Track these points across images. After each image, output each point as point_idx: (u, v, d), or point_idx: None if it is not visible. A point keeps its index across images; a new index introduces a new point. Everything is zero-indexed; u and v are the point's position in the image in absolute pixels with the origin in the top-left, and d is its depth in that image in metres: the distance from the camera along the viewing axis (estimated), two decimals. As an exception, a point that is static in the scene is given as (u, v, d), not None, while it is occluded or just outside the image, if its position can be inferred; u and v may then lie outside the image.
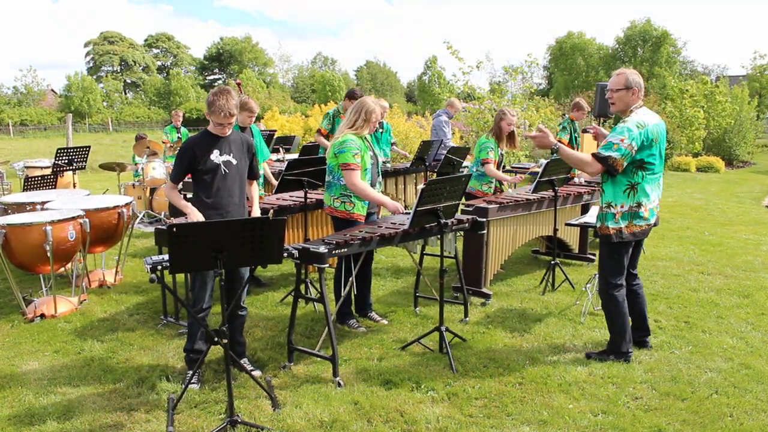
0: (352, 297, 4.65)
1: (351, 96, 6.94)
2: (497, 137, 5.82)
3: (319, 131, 7.17)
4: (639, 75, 3.84)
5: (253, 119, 5.50)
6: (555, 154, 3.90)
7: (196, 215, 3.59)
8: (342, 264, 4.37)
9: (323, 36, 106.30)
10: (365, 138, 4.36)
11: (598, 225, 3.90)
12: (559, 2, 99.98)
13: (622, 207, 3.79)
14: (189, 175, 3.74)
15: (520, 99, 14.18)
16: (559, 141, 7.13)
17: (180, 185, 3.87)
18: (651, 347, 4.13)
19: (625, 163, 3.69)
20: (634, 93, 3.78)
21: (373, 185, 4.41)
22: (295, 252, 3.58)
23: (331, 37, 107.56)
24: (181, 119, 10.81)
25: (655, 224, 3.98)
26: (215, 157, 3.64)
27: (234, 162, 3.71)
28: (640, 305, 4.11)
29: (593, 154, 3.75)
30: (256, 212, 4.05)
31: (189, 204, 3.67)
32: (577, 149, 7.25)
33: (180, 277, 5.05)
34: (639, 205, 3.79)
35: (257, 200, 4.10)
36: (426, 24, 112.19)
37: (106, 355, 4.10)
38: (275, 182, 6.17)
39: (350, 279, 4.28)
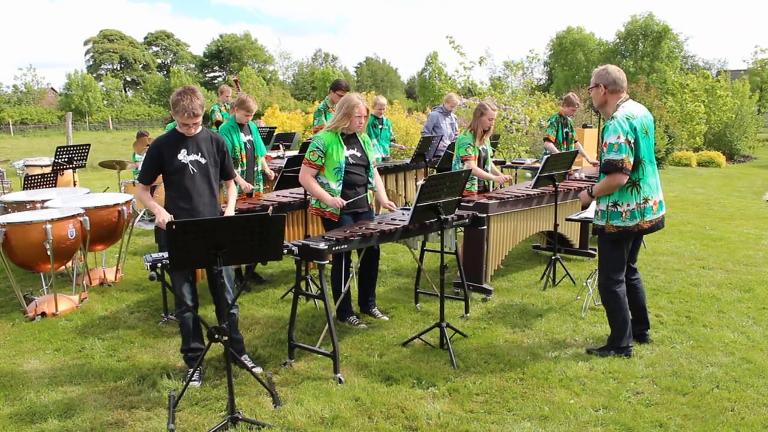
0: (352, 294, 4.64)
1: (336, 87, 6.89)
2: (475, 133, 5.51)
3: (316, 130, 7.13)
4: (617, 71, 3.80)
5: (251, 117, 5.49)
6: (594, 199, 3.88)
7: (163, 215, 3.55)
8: (341, 261, 4.35)
9: (322, 33, 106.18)
10: (346, 137, 4.30)
11: (603, 223, 3.85)
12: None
13: (628, 206, 3.77)
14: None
15: (520, 94, 14.16)
16: (547, 138, 7.17)
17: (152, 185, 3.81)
18: (651, 341, 4.13)
19: (631, 159, 3.67)
20: (602, 89, 3.77)
21: (356, 185, 4.36)
22: (295, 249, 3.57)
23: (330, 34, 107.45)
24: None
25: (659, 226, 3.94)
26: (182, 156, 3.60)
27: (203, 161, 3.65)
28: (640, 299, 4.11)
29: (606, 169, 3.70)
30: (229, 214, 3.87)
31: (156, 204, 3.63)
32: (569, 145, 7.21)
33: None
34: (646, 200, 3.78)
35: (233, 201, 3.96)
36: (425, 20, 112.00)
37: (107, 353, 4.10)
38: (270, 172, 6.11)
39: (350, 275, 4.27)
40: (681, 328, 4.42)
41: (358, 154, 4.37)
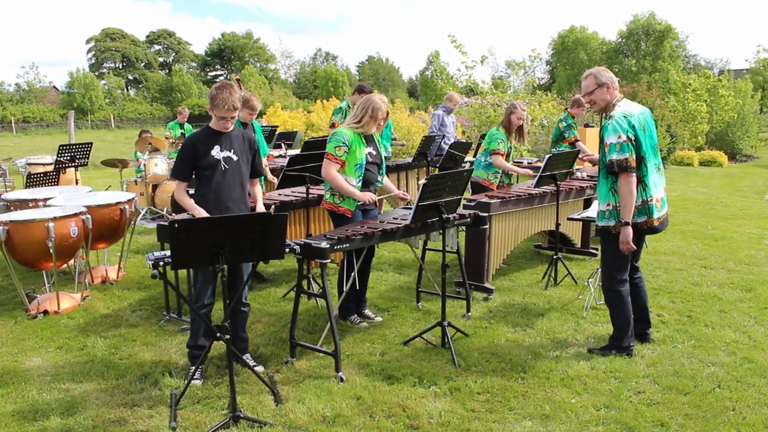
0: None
1: (360, 90, 6.96)
2: (507, 130, 5.86)
3: (332, 125, 7.16)
4: (607, 70, 3.84)
5: (254, 116, 5.50)
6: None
7: (200, 214, 3.57)
8: (351, 259, 4.32)
9: (322, 31, 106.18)
10: (364, 135, 4.29)
11: (612, 224, 3.77)
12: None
13: (635, 203, 3.76)
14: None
15: (522, 94, 14.14)
16: (574, 140, 7.00)
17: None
18: (652, 340, 4.13)
19: (635, 157, 3.67)
20: (608, 87, 3.79)
21: (370, 183, 4.37)
22: (297, 247, 3.57)
23: (330, 32, 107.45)
24: (186, 116, 10.80)
25: (665, 224, 3.93)
26: (216, 152, 3.63)
27: (235, 158, 3.69)
28: (642, 298, 4.10)
29: (612, 171, 3.67)
30: (261, 209, 4.00)
31: (196, 205, 3.63)
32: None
33: (182, 272, 5.06)
34: (652, 198, 3.78)
35: (261, 198, 4.06)
36: (426, 18, 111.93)
37: (108, 351, 4.10)
38: (272, 178, 6.17)
39: (352, 274, 4.26)
40: (682, 327, 4.42)
41: (374, 152, 4.38)
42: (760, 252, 6.65)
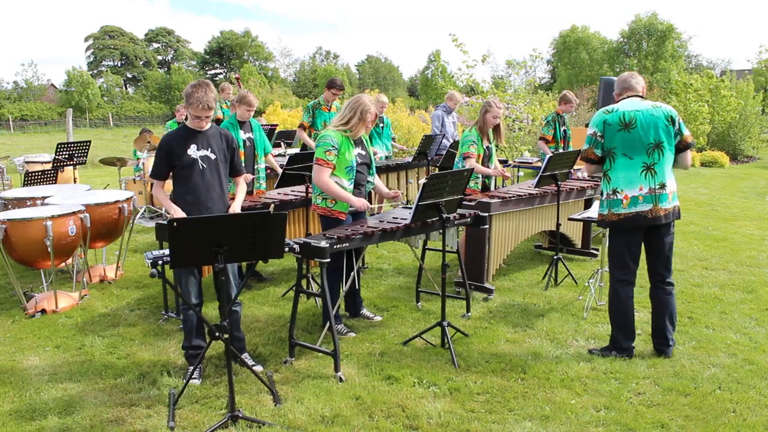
0: (342, 297, 4.50)
1: (331, 86, 6.91)
2: (481, 130, 5.44)
3: (301, 125, 7.20)
4: (625, 75, 3.99)
5: (252, 113, 5.47)
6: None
7: (178, 213, 3.55)
8: (351, 259, 4.28)
9: (322, 30, 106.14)
10: (352, 137, 4.23)
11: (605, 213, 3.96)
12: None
13: (602, 195, 3.93)
14: None
15: (523, 93, 14.13)
16: (543, 137, 7.18)
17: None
18: (670, 356, 3.91)
19: (597, 151, 3.82)
20: (616, 96, 4.01)
21: (360, 185, 4.31)
22: (297, 247, 3.55)
23: (330, 30, 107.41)
24: (184, 114, 10.78)
25: (640, 223, 3.76)
26: (192, 152, 3.59)
27: (212, 157, 3.65)
28: (661, 310, 3.89)
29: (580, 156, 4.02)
30: (235, 209, 3.84)
31: (172, 204, 3.61)
32: (567, 143, 7.17)
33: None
34: (615, 192, 3.81)
35: (241, 197, 3.93)
36: (425, 17, 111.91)
37: (107, 350, 4.09)
38: (278, 168, 6.12)
39: (352, 274, 4.23)
40: (683, 329, 4.40)
41: (363, 153, 4.34)
42: (761, 253, 6.63)
